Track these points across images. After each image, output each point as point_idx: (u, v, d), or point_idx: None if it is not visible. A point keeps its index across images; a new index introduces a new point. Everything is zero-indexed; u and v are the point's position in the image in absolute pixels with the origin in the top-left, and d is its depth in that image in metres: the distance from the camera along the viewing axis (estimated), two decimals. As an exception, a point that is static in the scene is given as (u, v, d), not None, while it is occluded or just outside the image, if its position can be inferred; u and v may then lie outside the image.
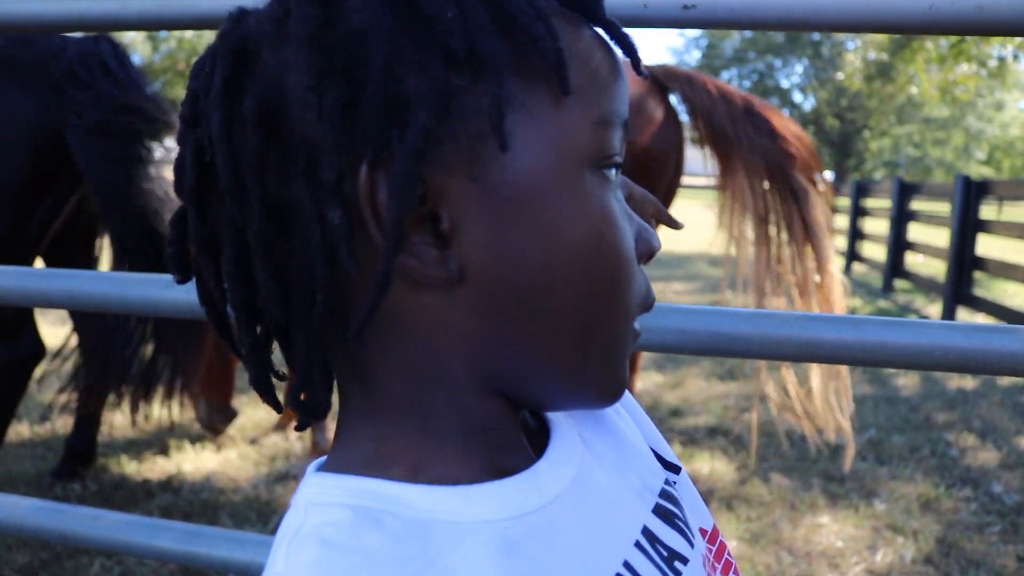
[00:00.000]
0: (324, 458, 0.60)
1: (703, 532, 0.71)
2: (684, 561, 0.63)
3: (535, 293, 0.53)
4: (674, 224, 1.00)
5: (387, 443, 0.56)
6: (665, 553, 0.62)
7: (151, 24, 1.36)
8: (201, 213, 0.55)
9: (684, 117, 3.26)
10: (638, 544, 0.60)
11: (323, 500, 0.53)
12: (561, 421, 0.63)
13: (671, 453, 0.75)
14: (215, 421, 4.13)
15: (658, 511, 0.65)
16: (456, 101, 0.50)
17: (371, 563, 0.48)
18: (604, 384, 0.58)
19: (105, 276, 1.39)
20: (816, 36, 38.11)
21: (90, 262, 3.59)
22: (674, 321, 1.15)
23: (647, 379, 5.47)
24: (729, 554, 0.73)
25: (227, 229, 0.53)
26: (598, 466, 0.63)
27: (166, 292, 1.38)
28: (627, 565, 0.58)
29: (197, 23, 1.30)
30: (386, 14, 0.49)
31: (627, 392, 0.68)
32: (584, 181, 0.53)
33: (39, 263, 3.56)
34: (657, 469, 0.70)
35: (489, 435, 0.57)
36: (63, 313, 5.25)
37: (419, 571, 0.49)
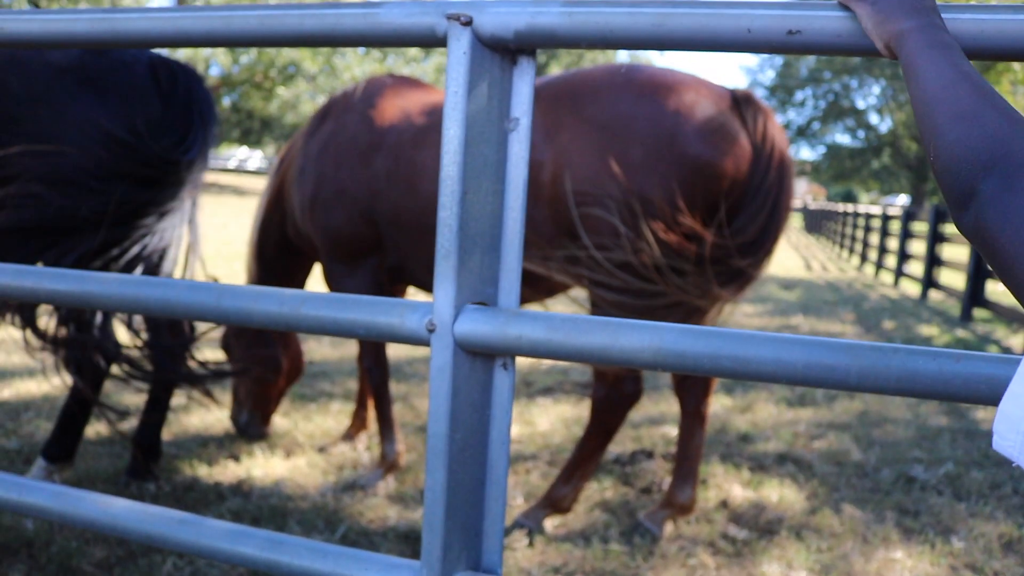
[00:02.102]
0: None
1: None
2: None
3: None
4: None
5: None
6: None
7: (253, 41, 1.40)
8: None
9: None
10: None
11: None
12: None
13: None
14: (249, 431, 4.24)
15: None
16: None
17: None
18: None
19: (201, 286, 1.42)
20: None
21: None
22: (769, 351, 1.13)
23: (715, 403, 5.39)
24: None
25: None
26: None
27: (257, 303, 1.41)
28: None
29: (300, 40, 1.33)
30: None
31: None
32: None
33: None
34: None
35: None
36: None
37: None
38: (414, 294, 6.26)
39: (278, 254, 4.18)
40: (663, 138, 2.96)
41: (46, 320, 3.31)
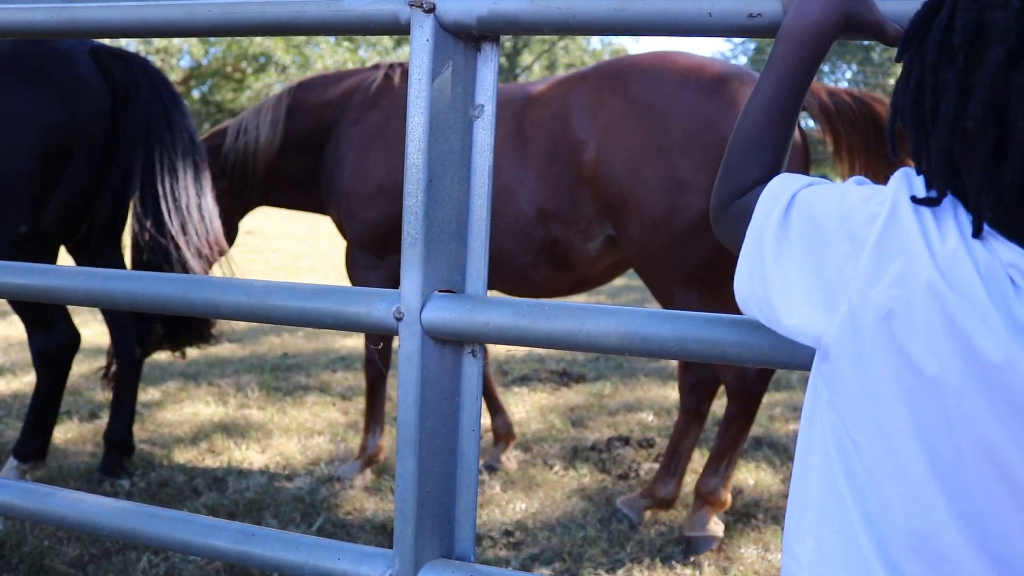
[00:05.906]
0: None
1: None
2: None
3: None
4: None
5: None
6: None
7: (215, 30, 1.39)
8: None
9: None
10: None
11: None
12: None
13: None
14: None
15: None
16: None
17: None
18: None
19: (168, 278, 1.41)
20: (866, 41, 37.63)
21: (118, 258, 3.66)
22: (735, 333, 1.14)
23: (690, 388, 5.42)
24: None
25: None
26: None
27: (224, 294, 1.40)
28: None
29: (262, 29, 1.32)
30: None
31: None
32: None
33: (68, 260, 3.66)
34: None
35: None
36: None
37: None
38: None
39: None
40: (705, 122, 3.00)
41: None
